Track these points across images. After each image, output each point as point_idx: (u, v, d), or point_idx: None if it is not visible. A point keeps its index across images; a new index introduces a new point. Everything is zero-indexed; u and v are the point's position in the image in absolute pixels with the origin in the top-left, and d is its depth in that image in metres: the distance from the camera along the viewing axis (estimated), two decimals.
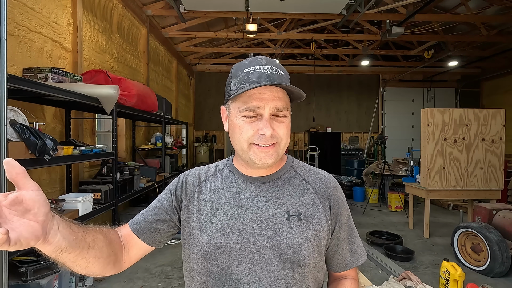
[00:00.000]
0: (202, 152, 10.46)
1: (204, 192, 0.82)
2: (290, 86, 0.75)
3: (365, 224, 5.35)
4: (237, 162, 0.85)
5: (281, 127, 0.76)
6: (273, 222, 0.76)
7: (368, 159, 11.00)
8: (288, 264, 0.74)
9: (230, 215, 0.77)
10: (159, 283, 3.12)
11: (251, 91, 0.73)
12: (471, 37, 7.60)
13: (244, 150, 0.75)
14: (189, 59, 9.86)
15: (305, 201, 0.80)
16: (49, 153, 2.21)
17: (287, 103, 0.78)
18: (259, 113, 0.74)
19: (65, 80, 2.86)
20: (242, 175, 0.82)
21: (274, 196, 0.79)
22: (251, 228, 0.75)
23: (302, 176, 0.85)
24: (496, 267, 3.26)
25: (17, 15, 2.82)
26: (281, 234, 0.75)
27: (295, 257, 0.74)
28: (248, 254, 0.74)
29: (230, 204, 0.78)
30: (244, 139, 0.74)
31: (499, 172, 4.51)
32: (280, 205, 0.78)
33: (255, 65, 0.75)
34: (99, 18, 4.38)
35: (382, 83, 11.52)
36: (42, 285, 2.29)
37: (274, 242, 0.74)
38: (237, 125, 0.75)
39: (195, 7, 6.05)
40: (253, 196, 0.79)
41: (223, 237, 0.75)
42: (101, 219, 4.31)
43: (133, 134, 5.69)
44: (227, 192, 0.80)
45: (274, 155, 0.75)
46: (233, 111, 0.77)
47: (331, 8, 6.08)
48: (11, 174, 0.52)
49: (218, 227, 0.76)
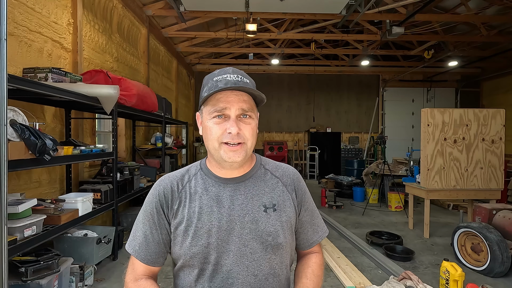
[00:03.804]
0: (202, 152, 10.45)
1: (184, 200, 0.88)
2: (251, 89, 0.82)
3: (365, 224, 5.35)
4: (211, 165, 0.91)
5: (247, 128, 0.84)
6: (253, 215, 0.86)
7: (368, 159, 11.01)
8: (270, 249, 0.86)
9: (213, 216, 0.84)
10: (159, 283, 3.11)
11: (219, 95, 0.82)
12: (471, 37, 7.60)
13: (216, 148, 0.83)
14: (189, 59, 9.86)
15: (276, 193, 0.91)
16: (49, 153, 2.21)
17: (252, 106, 0.86)
18: (227, 114, 0.82)
19: (65, 80, 2.86)
20: (218, 178, 0.89)
21: (251, 192, 0.88)
22: (235, 224, 0.84)
23: (271, 172, 0.95)
24: (496, 267, 3.26)
25: (17, 15, 2.82)
26: (261, 224, 0.85)
27: (275, 242, 0.86)
28: (235, 247, 0.84)
29: (212, 206, 0.86)
30: (215, 138, 0.82)
31: (499, 172, 4.51)
32: (257, 200, 0.88)
33: (223, 74, 0.84)
34: (99, 18, 4.38)
35: (382, 83, 11.53)
36: (42, 285, 2.28)
37: (256, 233, 0.85)
38: (208, 127, 0.84)
39: (195, 7, 6.05)
40: (232, 196, 0.87)
41: (209, 237, 0.83)
42: (101, 219, 4.31)
43: (133, 134, 5.69)
44: (207, 195, 0.87)
45: (242, 153, 0.83)
46: (205, 114, 0.85)
47: (331, 8, 6.08)
48: None
49: (204, 229, 0.84)
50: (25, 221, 2.19)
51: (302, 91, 11.45)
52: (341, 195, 7.45)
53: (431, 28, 7.25)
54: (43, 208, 2.52)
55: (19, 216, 2.19)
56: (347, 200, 7.31)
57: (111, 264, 3.52)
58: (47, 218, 2.42)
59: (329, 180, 8.37)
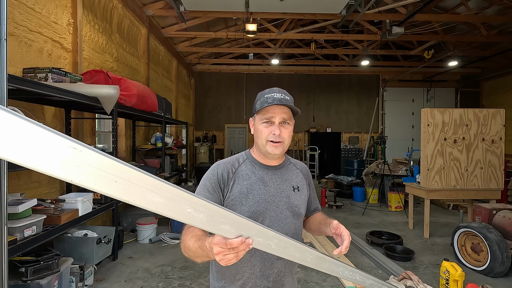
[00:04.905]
0: (202, 152, 10.45)
1: (238, 179, 1.20)
2: (291, 106, 1.17)
3: (365, 224, 5.35)
4: (257, 156, 1.26)
5: (285, 131, 1.18)
6: (286, 193, 1.22)
7: (368, 159, 11.01)
8: (296, 216, 1.23)
9: (260, 191, 1.18)
10: (159, 283, 3.12)
11: (268, 108, 1.16)
12: (471, 37, 7.60)
13: (263, 144, 1.18)
14: (189, 59, 9.86)
15: (298, 179, 1.29)
16: None
17: (290, 116, 1.20)
18: (272, 121, 1.17)
19: (65, 80, 2.86)
20: (263, 165, 1.24)
21: (284, 177, 1.25)
22: (274, 198, 1.19)
23: (294, 165, 1.35)
24: (496, 267, 3.26)
25: (17, 15, 2.81)
26: (291, 199, 1.22)
27: (298, 212, 1.23)
28: (274, 214, 1.18)
29: (259, 184, 1.19)
30: (263, 137, 1.17)
31: (499, 172, 4.51)
32: (288, 182, 1.25)
33: (272, 93, 1.18)
34: (99, 18, 4.38)
35: (382, 83, 11.53)
36: (42, 285, 2.29)
37: (288, 205, 1.21)
38: (259, 129, 1.19)
39: (195, 7, 6.05)
40: (272, 178, 1.22)
41: (258, 205, 1.16)
42: (101, 219, 4.31)
43: (133, 134, 5.69)
44: (254, 177, 1.21)
45: (280, 149, 1.18)
46: (257, 120, 1.20)
47: (331, 8, 6.09)
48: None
49: (255, 200, 1.16)
50: (25, 221, 2.19)
51: (302, 91, 11.44)
52: (341, 195, 7.45)
53: (431, 28, 7.25)
54: (43, 208, 2.52)
55: (19, 216, 2.19)
56: (347, 200, 7.31)
57: (111, 264, 3.52)
58: (47, 218, 2.42)
59: (329, 180, 8.37)
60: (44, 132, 0.52)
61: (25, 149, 0.50)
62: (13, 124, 0.49)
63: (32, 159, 0.51)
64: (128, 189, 0.60)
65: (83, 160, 0.55)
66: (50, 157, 0.52)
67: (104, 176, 0.57)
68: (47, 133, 0.52)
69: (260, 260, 1.17)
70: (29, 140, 0.50)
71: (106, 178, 0.58)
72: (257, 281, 1.16)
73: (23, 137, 0.50)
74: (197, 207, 0.71)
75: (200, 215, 0.71)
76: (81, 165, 0.55)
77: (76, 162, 0.54)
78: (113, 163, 0.58)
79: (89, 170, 0.55)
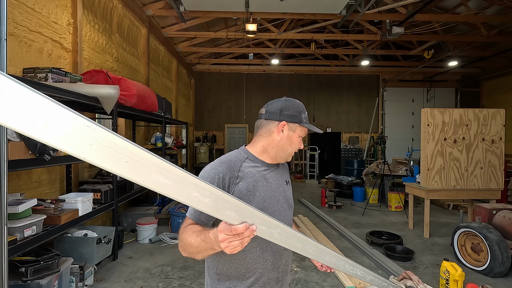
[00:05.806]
0: (202, 152, 10.45)
1: (242, 176, 1.23)
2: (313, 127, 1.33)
3: (365, 224, 5.35)
4: (262, 156, 1.30)
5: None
6: (283, 187, 1.33)
7: (368, 159, 11.01)
8: (290, 208, 1.35)
9: (264, 188, 1.25)
10: (159, 283, 3.12)
11: (307, 129, 1.29)
12: (471, 37, 7.60)
13: (290, 153, 1.30)
14: (189, 59, 9.86)
15: (287, 174, 1.43)
16: (49, 153, 2.21)
17: None
18: (302, 137, 1.32)
19: (65, 80, 2.85)
20: (264, 163, 1.30)
21: (280, 174, 1.35)
22: (275, 193, 1.28)
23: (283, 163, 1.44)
24: (496, 267, 3.26)
25: (17, 15, 2.81)
26: (287, 192, 1.34)
27: (291, 203, 1.36)
28: (276, 207, 1.26)
29: (262, 181, 1.26)
30: (295, 147, 1.29)
31: (499, 172, 4.51)
32: (283, 178, 1.36)
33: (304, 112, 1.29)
34: (99, 18, 4.38)
35: (382, 83, 11.53)
36: (42, 285, 2.29)
37: (285, 198, 1.32)
38: (295, 140, 1.28)
39: (195, 7, 6.06)
40: (272, 176, 1.30)
41: (264, 202, 1.23)
42: (101, 219, 4.31)
43: (133, 134, 5.69)
44: (258, 174, 1.26)
45: None
46: (297, 131, 1.27)
47: (331, 8, 6.09)
48: None
49: (261, 196, 1.22)
50: (25, 221, 2.19)
51: (302, 91, 11.44)
52: (341, 195, 7.44)
53: (431, 28, 7.25)
54: (43, 208, 2.52)
55: (19, 216, 2.19)
56: (347, 200, 7.31)
57: (111, 264, 3.52)
58: (47, 218, 2.42)
59: (329, 180, 8.37)
60: (60, 109, 0.53)
61: (42, 124, 0.52)
62: (31, 99, 0.51)
63: (47, 134, 0.52)
64: (137, 169, 0.62)
65: (96, 139, 0.57)
66: (66, 134, 0.54)
67: (115, 155, 0.59)
68: (63, 111, 0.53)
69: (272, 254, 1.23)
70: (46, 114, 0.52)
71: (117, 158, 0.60)
72: (269, 274, 1.23)
73: (40, 112, 0.52)
74: (203, 192, 0.72)
75: (206, 199, 0.73)
76: (94, 144, 0.57)
77: (89, 140, 0.56)
78: (124, 143, 0.60)
79: (101, 149, 0.58)
